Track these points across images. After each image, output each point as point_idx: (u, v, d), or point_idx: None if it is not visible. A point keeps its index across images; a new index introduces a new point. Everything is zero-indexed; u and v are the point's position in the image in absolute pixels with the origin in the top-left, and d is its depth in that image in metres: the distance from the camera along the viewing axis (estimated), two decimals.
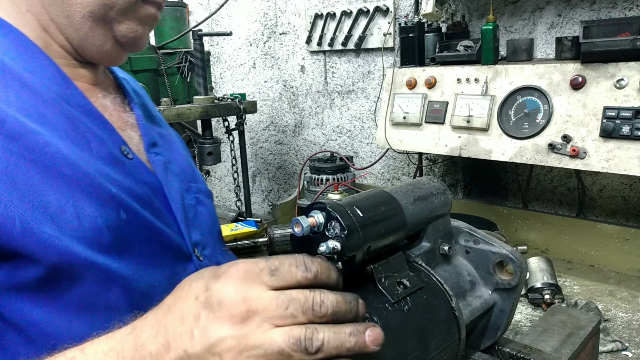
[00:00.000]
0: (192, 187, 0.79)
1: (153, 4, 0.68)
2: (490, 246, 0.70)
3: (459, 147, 1.56)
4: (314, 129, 2.50)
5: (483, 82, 1.52)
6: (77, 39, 0.66)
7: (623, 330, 1.19)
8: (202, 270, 0.45)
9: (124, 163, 0.65)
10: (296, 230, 0.51)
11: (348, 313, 0.43)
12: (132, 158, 0.67)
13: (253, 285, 0.41)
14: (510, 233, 1.75)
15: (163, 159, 0.75)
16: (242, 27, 2.69)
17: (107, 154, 0.63)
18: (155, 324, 0.43)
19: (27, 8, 0.64)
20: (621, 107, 1.27)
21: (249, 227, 1.85)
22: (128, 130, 0.72)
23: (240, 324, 0.40)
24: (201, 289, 0.42)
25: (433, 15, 1.71)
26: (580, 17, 1.61)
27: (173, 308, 0.43)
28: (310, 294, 0.42)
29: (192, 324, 0.41)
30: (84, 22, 0.64)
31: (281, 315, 0.40)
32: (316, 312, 0.41)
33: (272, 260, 0.43)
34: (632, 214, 1.62)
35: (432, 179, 0.70)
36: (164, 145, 0.78)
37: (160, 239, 0.67)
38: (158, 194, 0.70)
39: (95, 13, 0.64)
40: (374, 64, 2.17)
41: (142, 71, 2.15)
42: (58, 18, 0.64)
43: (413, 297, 0.56)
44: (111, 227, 0.59)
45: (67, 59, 0.68)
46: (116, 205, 0.60)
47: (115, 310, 0.59)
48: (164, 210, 0.69)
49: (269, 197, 2.82)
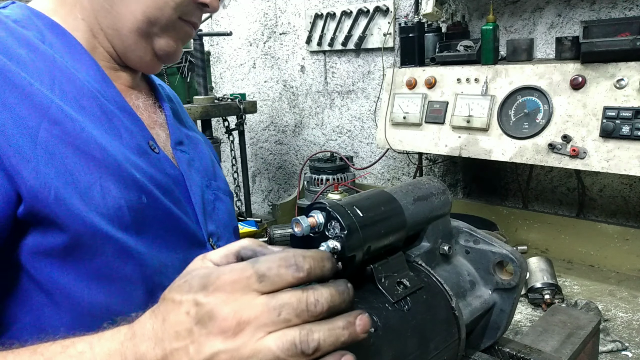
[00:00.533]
0: (212, 184, 0.85)
1: (190, 24, 0.77)
2: (490, 246, 0.70)
3: (459, 147, 1.56)
4: (314, 129, 2.50)
5: (483, 82, 1.52)
6: (122, 48, 0.75)
7: (623, 330, 1.20)
8: (190, 275, 0.44)
9: (150, 155, 0.73)
10: (296, 230, 0.51)
11: (342, 304, 0.42)
12: (158, 152, 0.75)
13: (242, 295, 0.41)
14: (510, 233, 1.75)
15: (187, 156, 0.82)
16: (242, 27, 2.69)
17: (136, 145, 0.71)
18: (153, 335, 0.44)
19: (82, 16, 0.73)
20: (621, 107, 1.27)
21: (249, 227, 1.85)
22: (157, 128, 0.80)
23: (232, 337, 0.40)
24: (191, 303, 0.42)
25: (433, 15, 1.71)
26: (580, 17, 1.61)
27: (167, 320, 0.43)
28: (303, 295, 0.41)
29: (186, 340, 0.41)
30: (130, 35, 0.73)
31: (274, 322, 0.40)
32: (311, 313, 0.41)
33: (260, 264, 0.42)
34: (632, 214, 1.62)
35: (432, 179, 0.70)
36: (190, 145, 0.85)
37: (177, 224, 0.73)
38: (179, 186, 0.77)
39: (141, 28, 0.72)
40: (374, 64, 2.18)
41: None
42: (107, 29, 0.73)
43: (413, 297, 0.56)
44: (132, 208, 0.66)
45: (110, 62, 0.77)
46: (138, 190, 0.67)
47: (130, 283, 0.66)
48: (183, 200, 0.76)
49: (269, 197, 2.82)
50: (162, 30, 0.74)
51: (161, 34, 0.74)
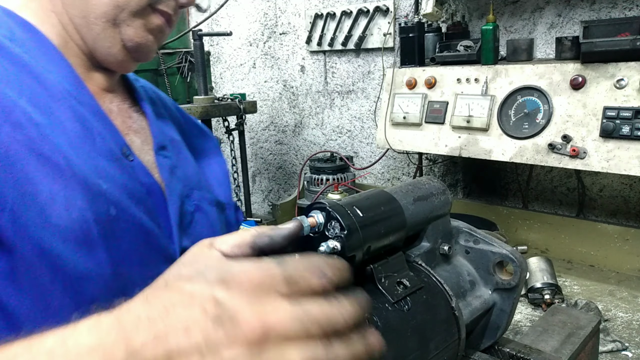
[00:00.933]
0: (194, 194, 0.78)
1: (162, 14, 0.71)
2: (490, 246, 0.70)
3: (459, 147, 1.56)
4: (314, 129, 2.50)
5: (483, 82, 1.52)
6: (91, 39, 0.70)
7: (623, 330, 1.19)
8: (201, 265, 0.41)
9: (123, 163, 0.67)
10: None
11: (360, 318, 0.41)
12: (132, 160, 0.69)
13: (267, 297, 0.38)
14: (510, 233, 1.75)
15: (170, 162, 0.76)
16: (242, 27, 2.69)
17: (108, 151, 0.66)
18: (149, 326, 0.37)
19: (51, 8, 0.69)
20: (621, 107, 1.27)
21: (249, 227, 1.85)
22: (131, 134, 0.74)
23: (257, 347, 0.37)
24: (208, 298, 0.38)
25: (433, 15, 1.71)
26: (580, 17, 1.61)
27: (172, 313, 0.38)
28: (327, 307, 0.39)
29: (200, 342, 0.37)
30: (96, 21, 0.69)
31: (298, 332, 0.37)
32: (334, 327, 0.39)
33: (285, 266, 0.39)
34: (632, 214, 1.62)
35: (432, 179, 0.70)
36: (174, 150, 0.79)
37: (148, 238, 0.66)
38: (154, 196, 0.70)
39: (108, 14, 0.68)
40: (374, 64, 2.17)
41: (143, 71, 2.15)
42: (76, 18, 0.69)
43: (413, 297, 0.56)
44: (99, 220, 0.60)
45: (83, 60, 0.72)
46: (107, 201, 0.62)
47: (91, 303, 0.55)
48: (157, 212, 0.70)
49: (269, 197, 2.82)
50: (131, 17, 0.69)
51: (129, 21, 0.69)
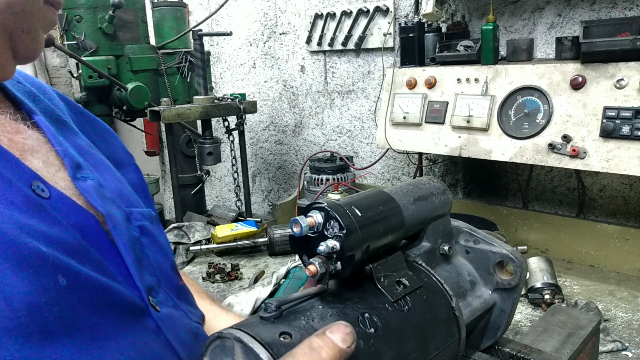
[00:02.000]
0: (133, 213, 0.62)
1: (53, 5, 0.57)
2: (490, 246, 0.70)
3: (459, 147, 1.56)
4: (314, 129, 2.50)
5: (483, 82, 1.52)
6: None
7: (623, 330, 1.19)
8: None
9: (42, 205, 0.49)
10: (295, 231, 0.51)
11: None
12: (48, 196, 0.51)
13: None
14: (510, 233, 1.75)
15: (93, 183, 0.58)
16: (242, 27, 2.69)
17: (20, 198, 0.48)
18: None
19: None
20: (621, 107, 1.27)
21: (249, 227, 1.85)
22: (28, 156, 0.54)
23: None
24: None
25: (433, 15, 1.71)
26: (580, 17, 1.61)
27: None
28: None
29: None
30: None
31: None
32: None
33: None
34: (632, 214, 1.62)
35: (432, 179, 0.70)
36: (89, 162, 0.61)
37: (110, 298, 0.51)
38: (90, 238, 0.53)
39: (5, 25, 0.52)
40: (374, 64, 2.17)
41: (142, 71, 2.15)
42: None
43: (413, 297, 0.56)
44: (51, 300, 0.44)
45: None
46: (52, 270, 0.45)
47: None
48: (102, 258, 0.53)
49: (269, 197, 2.82)
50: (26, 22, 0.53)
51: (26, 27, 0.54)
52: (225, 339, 0.45)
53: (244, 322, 0.46)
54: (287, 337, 0.44)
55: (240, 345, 0.43)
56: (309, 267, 0.51)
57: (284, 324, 0.46)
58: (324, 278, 0.51)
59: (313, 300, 0.51)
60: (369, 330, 0.49)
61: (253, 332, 0.43)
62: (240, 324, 0.45)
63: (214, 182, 3.15)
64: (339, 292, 0.53)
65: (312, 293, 0.51)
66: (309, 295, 0.51)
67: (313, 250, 0.51)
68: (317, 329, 0.45)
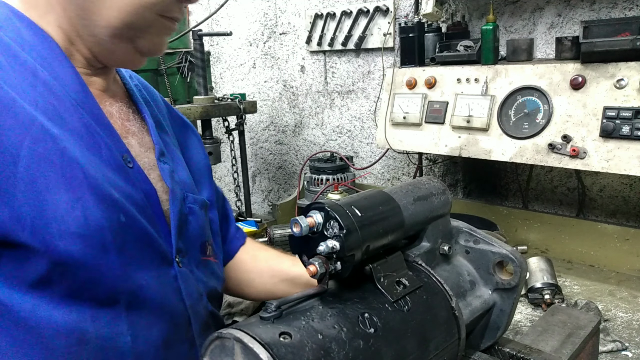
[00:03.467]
0: (189, 197, 0.84)
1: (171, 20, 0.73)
2: (490, 246, 0.70)
3: (459, 147, 1.56)
4: (314, 129, 2.50)
5: (483, 82, 1.52)
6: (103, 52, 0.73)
7: (623, 330, 1.19)
8: None
9: (126, 171, 0.72)
10: (295, 231, 0.51)
11: None
12: (132, 166, 0.73)
13: None
14: (510, 233, 1.75)
15: (169, 167, 0.81)
16: (242, 27, 2.69)
17: (113, 161, 0.70)
18: None
19: (57, 23, 0.71)
20: (621, 107, 1.27)
21: (249, 227, 1.85)
22: (129, 137, 0.78)
23: None
24: None
25: (433, 15, 1.70)
26: (580, 17, 1.61)
27: None
28: None
29: None
30: (109, 40, 0.71)
31: None
32: None
33: None
34: (632, 214, 1.62)
35: (432, 179, 0.70)
36: (170, 154, 0.84)
37: (151, 242, 0.72)
38: (152, 201, 0.75)
39: (120, 34, 0.70)
40: (374, 64, 2.17)
41: (142, 71, 2.15)
42: (85, 35, 0.71)
43: (413, 297, 0.56)
44: (112, 228, 0.65)
45: (85, 63, 0.74)
46: (117, 209, 0.67)
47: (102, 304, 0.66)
48: (155, 217, 0.75)
49: (269, 197, 2.82)
50: (143, 32, 0.71)
51: (142, 34, 0.71)
52: (225, 339, 0.45)
53: (243, 322, 0.46)
54: (287, 337, 0.45)
55: (240, 345, 0.43)
56: (309, 267, 0.51)
57: (284, 324, 0.46)
58: (324, 278, 0.51)
59: (313, 301, 0.51)
60: (369, 330, 0.49)
61: (253, 332, 0.43)
62: (240, 324, 0.45)
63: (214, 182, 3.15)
64: (339, 292, 0.53)
65: (312, 293, 0.51)
66: (308, 295, 0.51)
67: (313, 251, 0.51)
68: (317, 329, 0.45)
